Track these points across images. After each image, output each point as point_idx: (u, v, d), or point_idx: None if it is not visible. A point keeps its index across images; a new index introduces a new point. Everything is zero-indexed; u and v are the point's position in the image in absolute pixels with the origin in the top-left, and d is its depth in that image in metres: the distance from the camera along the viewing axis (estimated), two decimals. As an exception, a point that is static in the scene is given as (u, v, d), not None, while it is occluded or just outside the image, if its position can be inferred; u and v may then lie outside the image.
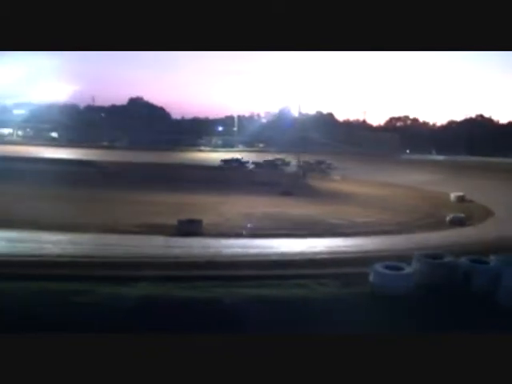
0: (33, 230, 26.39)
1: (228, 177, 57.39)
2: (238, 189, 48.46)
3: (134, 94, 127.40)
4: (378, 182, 60.88)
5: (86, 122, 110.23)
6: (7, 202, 34.18)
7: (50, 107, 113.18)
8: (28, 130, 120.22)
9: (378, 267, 15.41)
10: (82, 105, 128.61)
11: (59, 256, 21.71)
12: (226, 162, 77.57)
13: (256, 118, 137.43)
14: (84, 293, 17.16)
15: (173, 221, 29.43)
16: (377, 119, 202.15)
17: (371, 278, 15.52)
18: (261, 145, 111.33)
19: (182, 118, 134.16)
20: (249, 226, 30.79)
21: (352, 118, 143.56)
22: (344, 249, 26.17)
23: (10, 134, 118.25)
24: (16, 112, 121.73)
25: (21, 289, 17.31)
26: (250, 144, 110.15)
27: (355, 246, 27.09)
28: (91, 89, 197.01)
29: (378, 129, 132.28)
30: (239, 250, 25.23)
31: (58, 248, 23.17)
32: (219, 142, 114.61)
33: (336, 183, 61.21)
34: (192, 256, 23.34)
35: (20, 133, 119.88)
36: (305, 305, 14.38)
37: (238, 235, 28.70)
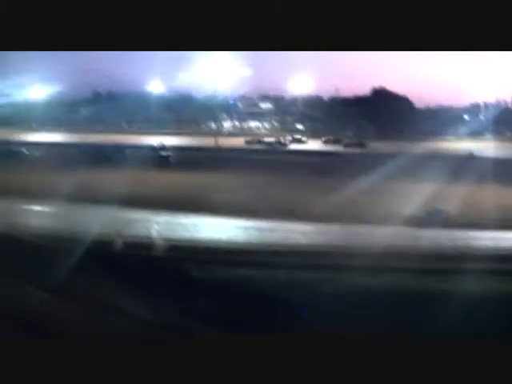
0: (282, 219, 27.49)
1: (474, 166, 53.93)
2: (481, 178, 45.35)
3: (377, 84, 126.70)
4: None
5: (330, 113, 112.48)
6: (259, 192, 36.07)
7: (295, 99, 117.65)
8: (274, 122, 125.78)
9: None
10: (326, 96, 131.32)
11: (308, 246, 22.35)
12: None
13: (503, 104, 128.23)
14: (329, 282, 17.52)
15: (419, 211, 28.64)
16: None
17: None
18: (510, 133, 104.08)
19: (426, 106, 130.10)
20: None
21: None
22: None
23: (257, 128, 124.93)
24: (262, 105, 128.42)
25: (269, 277, 18.19)
26: (499, 132, 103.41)
27: None
28: (335, 80, 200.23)
29: None
30: (488, 243, 23.84)
31: (307, 238, 23.82)
32: (464, 131, 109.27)
33: None
34: (439, 247, 22.58)
35: (266, 125, 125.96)
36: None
37: (485, 227, 27.05)
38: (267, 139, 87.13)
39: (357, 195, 33.46)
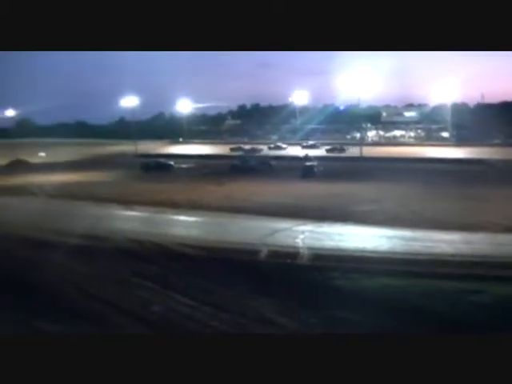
0: (426, 228, 26.90)
1: None
2: None
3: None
4: None
5: (476, 120, 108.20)
6: (401, 201, 35.51)
7: (440, 108, 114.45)
8: (419, 131, 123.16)
9: None
10: (472, 103, 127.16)
11: (452, 255, 21.72)
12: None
13: None
14: (477, 293, 16.91)
15: None
16: None
17: None
18: None
19: None
20: None
21: None
22: None
23: (402, 136, 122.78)
24: (407, 114, 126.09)
25: (413, 286, 17.86)
26: None
27: None
28: (479, 86, 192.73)
29: None
30: None
31: (452, 247, 23.16)
32: None
33: None
34: None
35: (411, 134, 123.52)
36: None
37: None
38: (247, 147, 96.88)
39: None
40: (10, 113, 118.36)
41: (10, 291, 18.30)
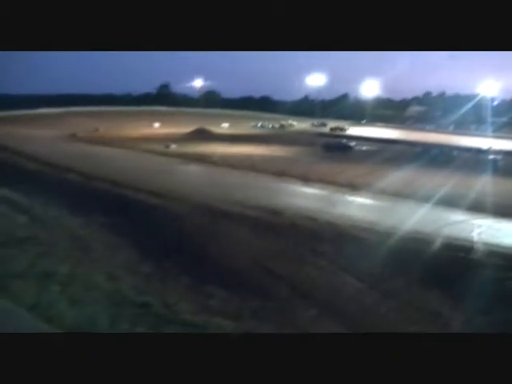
0: None
1: None
2: None
3: None
4: None
5: None
6: None
7: None
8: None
9: None
10: None
11: None
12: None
13: None
14: None
15: None
16: None
17: None
18: None
19: None
20: None
21: None
22: None
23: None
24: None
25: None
26: None
27: None
28: None
29: None
30: None
31: None
32: None
33: None
34: None
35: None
36: None
37: None
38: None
39: None
40: (198, 83, 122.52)
41: (188, 258, 19.39)
